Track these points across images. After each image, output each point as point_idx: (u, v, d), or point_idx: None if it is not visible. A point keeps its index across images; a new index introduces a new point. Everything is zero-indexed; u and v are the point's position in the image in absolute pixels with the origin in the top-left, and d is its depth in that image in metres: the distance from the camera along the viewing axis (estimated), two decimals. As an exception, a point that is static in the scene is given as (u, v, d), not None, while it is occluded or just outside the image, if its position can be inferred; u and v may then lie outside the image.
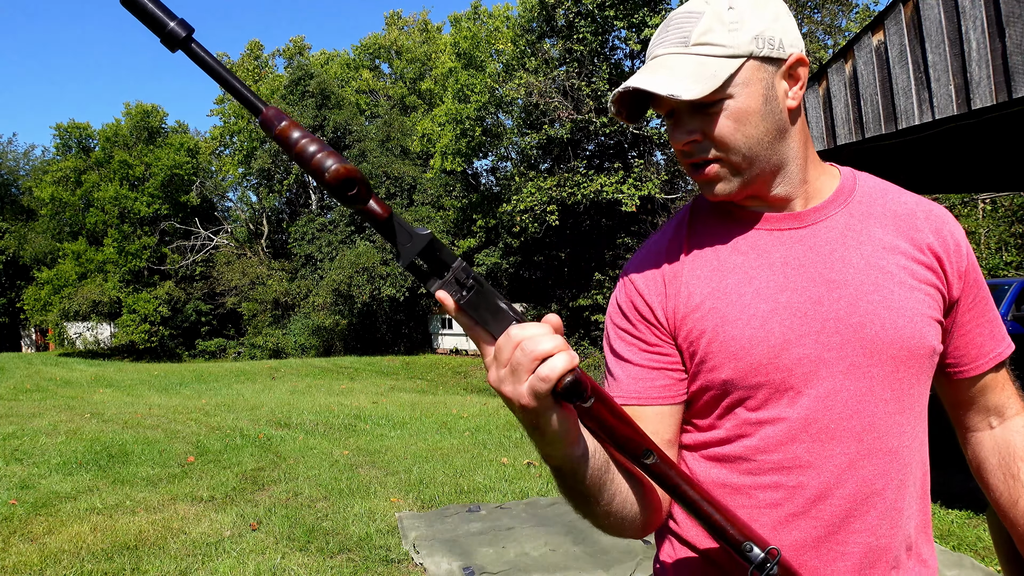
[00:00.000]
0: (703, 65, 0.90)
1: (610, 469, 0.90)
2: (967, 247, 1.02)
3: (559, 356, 0.73)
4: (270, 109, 0.76)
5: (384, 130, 35.67)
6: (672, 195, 23.31)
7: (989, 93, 3.91)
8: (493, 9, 31.89)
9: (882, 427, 0.94)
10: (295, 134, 0.74)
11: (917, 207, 1.02)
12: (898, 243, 0.98)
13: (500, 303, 0.77)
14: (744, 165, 0.95)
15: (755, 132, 0.93)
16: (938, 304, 0.98)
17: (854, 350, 0.94)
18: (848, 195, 1.02)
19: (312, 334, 32.78)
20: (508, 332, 0.75)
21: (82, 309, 34.45)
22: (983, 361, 1.03)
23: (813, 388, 0.94)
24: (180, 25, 0.71)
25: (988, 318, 1.03)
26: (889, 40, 4.51)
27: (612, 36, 24.05)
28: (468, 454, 7.69)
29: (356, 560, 4.44)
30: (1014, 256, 16.17)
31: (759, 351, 0.94)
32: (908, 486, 0.98)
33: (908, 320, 0.94)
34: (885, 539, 0.96)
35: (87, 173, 36.69)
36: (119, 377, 19.83)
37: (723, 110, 0.92)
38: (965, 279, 1.00)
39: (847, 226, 0.99)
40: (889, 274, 0.96)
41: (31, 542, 4.88)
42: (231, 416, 11.01)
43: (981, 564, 4.12)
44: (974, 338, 1.03)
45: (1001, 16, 3.81)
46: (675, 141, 0.96)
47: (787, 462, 0.95)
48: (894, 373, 0.95)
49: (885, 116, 4.58)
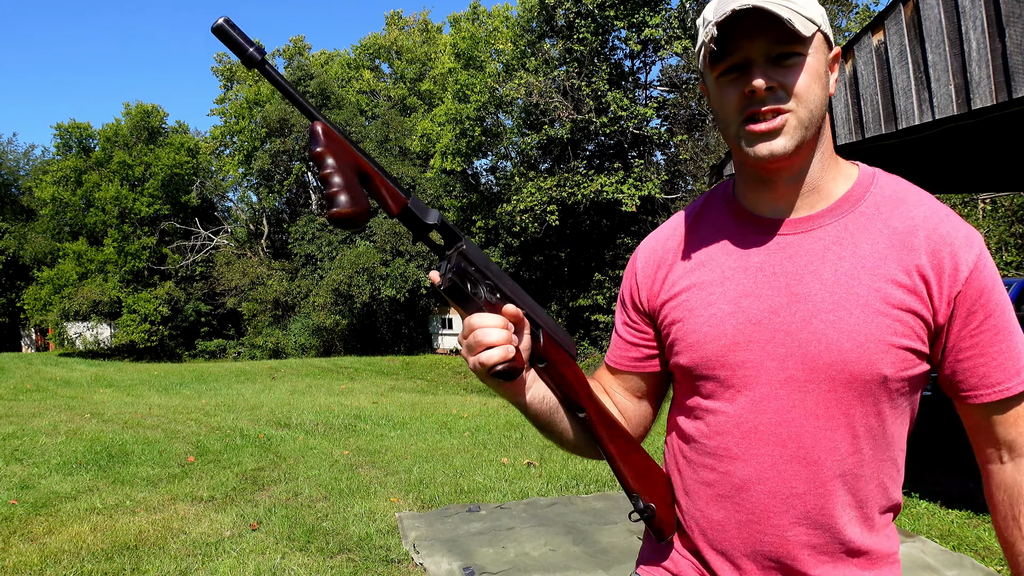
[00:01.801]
0: (795, 15, 0.94)
1: (558, 411, 1.10)
2: (974, 272, 0.97)
3: (497, 350, 0.94)
4: (319, 124, 0.88)
5: (383, 130, 35.67)
6: (672, 195, 23.31)
7: (989, 93, 3.91)
8: (492, 9, 31.89)
9: (807, 439, 1.01)
10: (329, 160, 0.87)
11: (923, 223, 0.99)
12: (883, 263, 0.98)
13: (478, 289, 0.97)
14: (808, 122, 0.98)
15: (821, 94, 0.98)
16: (913, 330, 0.97)
17: (795, 364, 1.00)
18: (853, 204, 1.03)
19: (312, 334, 32.78)
20: (470, 318, 0.96)
21: (82, 309, 34.45)
22: (988, 392, 1.00)
23: (751, 391, 1.03)
24: (256, 50, 0.86)
25: (1000, 348, 0.99)
26: (889, 40, 4.51)
27: (612, 36, 24.06)
28: (468, 454, 7.69)
29: (356, 560, 4.44)
30: (1014, 256, 16.17)
31: (711, 347, 1.05)
32: (837, 498, 1.02)
33: (856, 345, 0.97)
34: (804, 538, 1.03)
35: (87, 173, 36.69)
36: (119, 377, 19.83)
37: (802, 65, 0.97)
38: (959, 304, 0.97)
39: (835, 239, 1.01)
40: (856, 296, 0.98)
41: (31, 542, 4.88)
42: (231, 416, 11.01)
43: (981, 564, 4.12)
44: (978, 366, 1.00)
45: (1001, 16, 3.81)
46: (755, 84, 0.96)
47: (720, 451, 1.07)
48: (831, 393, 0.99)
49: (885, 116, 4.58)
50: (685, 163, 21.72)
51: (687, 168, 22.04)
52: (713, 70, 1.00)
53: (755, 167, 1.03)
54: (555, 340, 1.05)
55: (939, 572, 4.01)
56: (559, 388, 1.07)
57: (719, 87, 1.00)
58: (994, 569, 4.08)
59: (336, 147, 0.89)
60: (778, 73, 0.96)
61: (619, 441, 1.10)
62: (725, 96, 0.99)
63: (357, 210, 0.87)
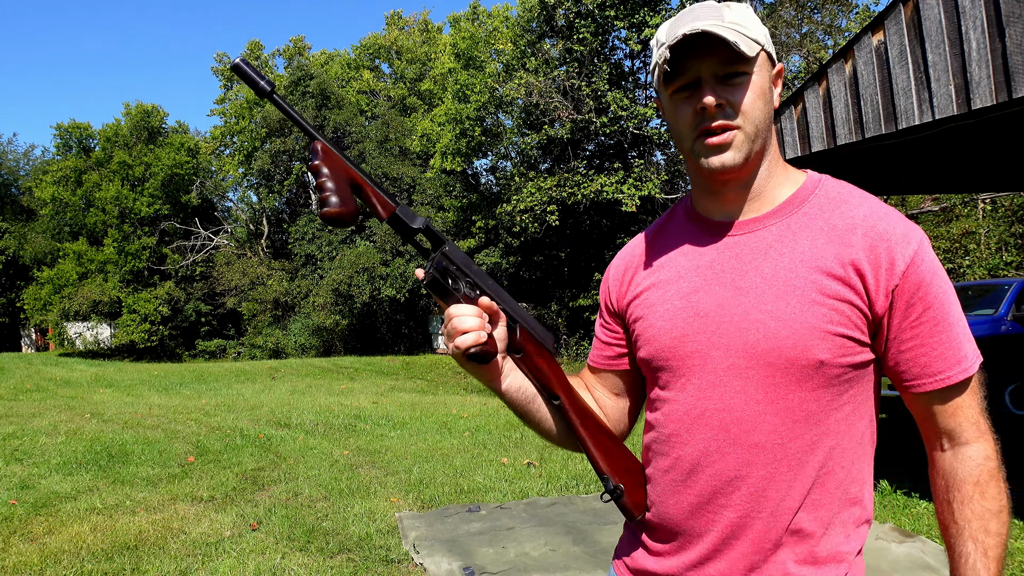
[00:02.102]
0: (741, 37, 1.04)
1: (536, 400, 1.21)
2: (911, 266, 1.03)
3: (470, 334, 1.06)
4: (318, 143, 1.04)
5: (383, 130, 35.66)
6: (672, 195, 23.29)
7: (989, 93, 3.91)
8: (492, 9, 31.88)
9: (749, 423, 1.07)
10: (324, 169, 1.02)
11: (862, 222, 1.06)
12: (821, 257, 1.06)
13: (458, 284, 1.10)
14: (753, 136, 1.07)
15: (766, 109, 1.08)
16: (849, 319, 1.04)
17: (737, 353, 1.08)
18: (797, 206, 1.11)
19: (312, 334, 32.76)
20: (449, 309, 1.08)
21: (82, 309, 34.42)
22: (928, 381, 1.06)
23: (698, 379, 1.11)
24: (267, 83, 1.04)
25: (939, 339, 1.05)
26: (889, 40, 4.51)
27: (612, 36, 24.04)
28: (468, 454, 7.69)
29: (356, 560, 4.44)
30: (1014, 256, 16.16)
31: (664, 340, 1.14)
32: (782, 479, 1.07)
33: (792, 332, 1.04)
34: (751, 519, 1.08)
35: (87, 173, 36.66)
36: (119, 377, 19.82)
37: (748, 84, 1.06)
38: (897, 297, 1.03)
39: (778, 237, 1.10)
40: (793, 287, 1.05)
41: (31, 542, 4.87)
42: (231, 416, 11.01)
43: (981, 564, 4.12)
44: (919, 356, 1.05)
45: (1001, 16, 3.81)
46: (704, 99, 1.05)
47: (673, 437, 1.15)
48: (770, 378, 1.06)
49: (885, 116, 4.58)
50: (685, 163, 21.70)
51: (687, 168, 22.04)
52: (667, 88, 1.09)
53: (708, 178, 1.12)
54: (531, 333, 1.16)
55: (939, 572, 4.01)
56: (535, 377, 1.17)
57: (673, 104, 1.10)
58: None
59: (332, 161, 1.03)
60: (726, 91, 1.05)
61: (591, 427, 1.19)
62: (679, 112, 1.09)
63: (345, 210, 1.01)
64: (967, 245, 16.62)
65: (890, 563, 4.12)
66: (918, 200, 19.50)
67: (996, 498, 1.06)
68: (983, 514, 1.06)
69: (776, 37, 19.87)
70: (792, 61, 21.37)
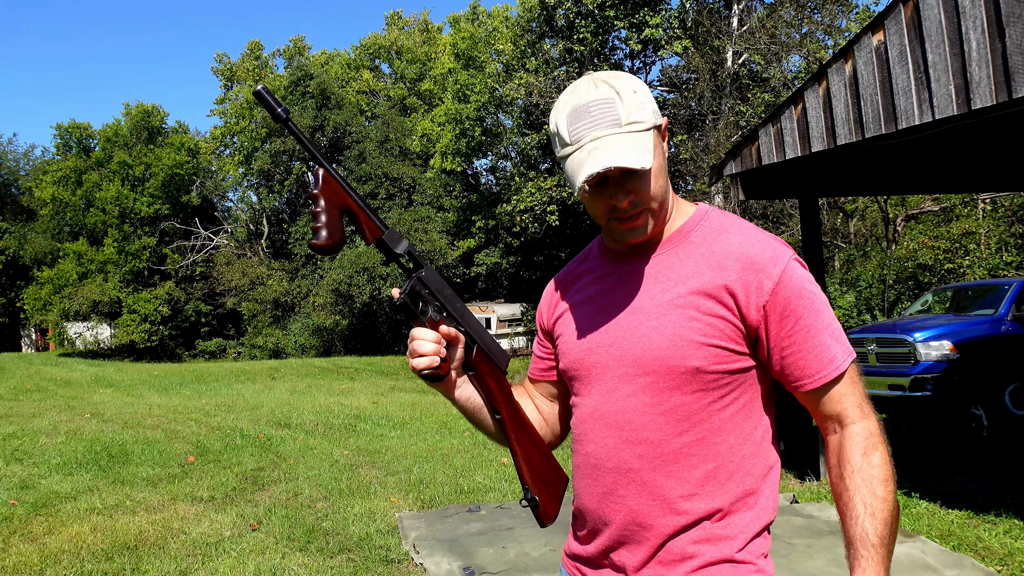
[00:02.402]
0: (639, 139, 1.18)
1: (483, 410, 1.38)
2: (779, 285, 1.19)
3: (425, 358, 1.24)
4: (320, 170, 1.16)
5: (383, 131, 35.63)
6: (672, 195, 23.28)
7: (989, 93, 3.91)
8: (492, 9, 31.88)
9: (639, 422, 1.24)
10: (321, 201, 1.16)
11: (736, 249, 1.23)
12: (699, 279, 1.23)
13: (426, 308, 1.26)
14: (659, 209, 1.25)
15: (664, 183, 1.25)
16: (723, 332, 1.20)
17: (627, 362, 1.25)
18: (685, 236, 1.29)
19: (312, 334, 32.74)
20: (413, 331, 1.25)
21: (82, 309, 34.40)
22: (808, 381, 1.22)
23: (599, 386, 1.29)
24: (283, 111, 1.14)
25: (811, 345, 1.20)
26: (889, 40, 4.51)
27: (612, 36, 24.03)
28: (468, 454, 7.69)
29: (356, 560, 4.44)
30: (1014, 256, 16.13)
31: (575, 353, 1.34)
32: (672, 471, 1.23)
33: (672, 343, 1.21)
34: (647, 507, 1.24)
35: (87, 173, 36.64)
36: (119, 377, 19.82)
37: (649, 173, 1.21)
38: (770, 312, 1.19)
39: (667, 263, 1.27)
40: (675, 306, 1.22)
41: (31, 542, 4.87)
42: (231, 416, 11.01)
43: (981, 564, 4.12)
44: (798, 361, 1.21)
45: (1001, 16, 3.80)
46: (617, 201, 1.21)
47: (582, 437, 1.33)
48: (655, 383, 1.23)
49: (885, 116, 4.58)
50: (685, 163, 21.70)
51: (687, 168, 22.03)
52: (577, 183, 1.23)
53: (623, 242, 1.30)
54: (486, 355, 1.33)
55: (939, 572, 4.01)
56: (483, 393, 1.35)
57: (589, 197, 1.24)
58: (994, 569, 4.08)
59: (330, 189, 1.17)
60: (632, 184, 1.20)
61: (524, 440, 1.37)
62: (594, 202, 1.24)
63: (331, 242, 1.16)
64: (967, 245, 16.59)
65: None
66: (918, 200, 19.49)
67: (881, 467, 1.20)
68: (870, 480, 1.19)
69: (776, 37, 19.86)
70: (792, 61, 21.37)
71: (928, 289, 14.47)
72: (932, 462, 6.65)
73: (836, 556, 4.16)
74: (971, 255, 16.20)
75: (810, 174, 6.14)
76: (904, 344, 8.74)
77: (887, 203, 19.06)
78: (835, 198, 19.41)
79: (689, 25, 22.31)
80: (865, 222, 21.77)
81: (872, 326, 10.34)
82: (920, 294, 14.36)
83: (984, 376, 8.00)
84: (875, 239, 20.95)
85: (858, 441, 1.21)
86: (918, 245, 17.14)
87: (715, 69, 21.20)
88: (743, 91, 21.15)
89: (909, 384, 8.50)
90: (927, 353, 8.51)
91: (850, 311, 15.85)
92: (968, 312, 9.53)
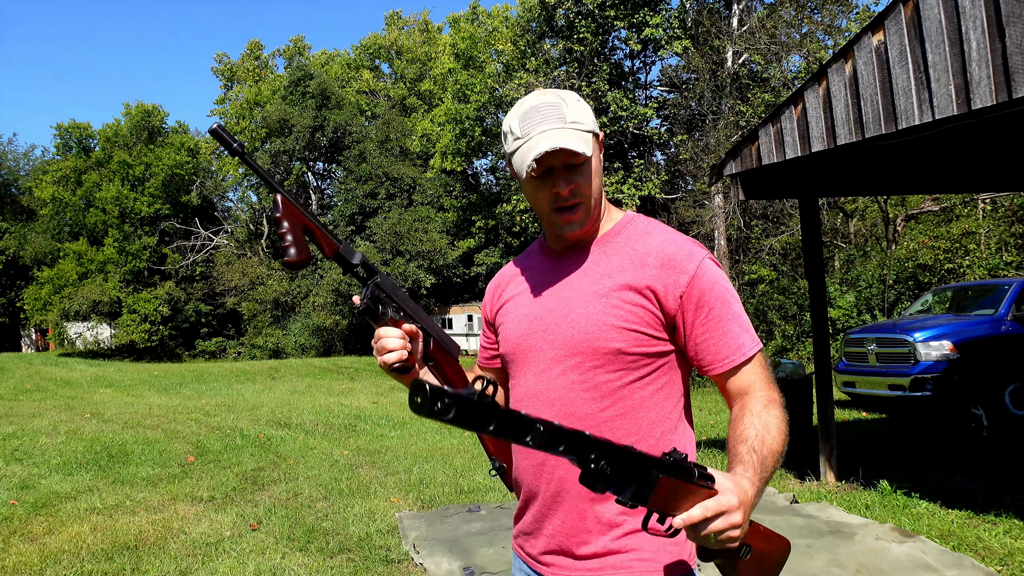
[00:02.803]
0: (581, 136, 1.34)
1: None
2: (693, 279, 1.34)
3: (394, 353, 1.39)
4: (279, 196, 1.34)
5: (383, 130, 35.63)
6: (672, 195, 23.30)
7: (989, 93, 3.91)
8: (492, 9, 31.87)
9: (568, 400, 1.37)
10: (284, 223, 1.34)
11: (656, 248, 1.38)
12: (623, 274, 1.37)
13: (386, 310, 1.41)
14: (594, 207, 1.41)
15: (599, 183, 1.41)
16: (642, 318, 1.34)
17: (558, 345, 1.39)
18: (612, 237, 1.44)
19: (312, 334, 32.75)
20: (379, 330, 1.41)
21: (82, 309, 34.41)
22: (718, 365, 1.35)
23: (533, 367, 1.43)
24: (239, 145, 1.29)
25: (721, 333, 1.34)
26: (889, 40, 4.51)
27: (612, 36, 24.03)
28: (468, 454, 7.69)
29: (356, 560, 4.44)
30: (1014, 256, 16.13)
31: (513, 339, 1.48)
32: None
33: (596, 327, 1.35)
34: (573, 476, 1.28)
35: (87, 173, 36.65)
36: (119, 377, 19.82)
37: (588, 168, 1.37)
38: (685, 302, 1.34)
39: (595, 261, 1.43)
40: (600, 295, 1.37)
41: (31, 542, 4.87)
42: (231, 416, 11.01)
43: (981, 564, 4.12)
44: (710, 346, 1.35)
45: (1001, 16, 3.80)
46: (560, 188, 1.36)
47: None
48: (581, 363, 1.37)
49: (885, 116, 4.58)
50: (685, 163, 21.70)
51: (687, 168, 22.03)
52: (525, 175, 1.36)
53: (560, 237, 1.44)
54: (441, 346, 1.50)
55: (939, 572, 4.01)
56: (443, 379, 1.52)
57: (532, 186, 1.39)
58: (994, 569, 4.08)
59: (289, 212, 1.34)
60: (573, 176, 1.36)
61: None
62: (538, 194, 1.39)
63: (300, 259, 1.34)
64: (967, 245, 16.59)
65: (890, 563, 4.12)
66: (918, 200, 19.49)
67: (778, 418, 1.29)
68: (766, 423, 1.27)
69: (776, 37, 19.86)
70: (792, 61, 21.37)
71: (928, 289, 14.47)
72: (932, 462, 6.65)
73: (836, 556, 4.16)
74: (971, 255, 16.20)
75: (810, 174, 6.14)
76: (904, 344, 8.74)
77: (887, 203, 19.07)
78: (835, 198, 19.41)
79: (689, 25, 22.31)
80: (865, 222, 21.78)
81: (872, 326, 10.34)
82: (920, 294, 14.35)
83: (984, 376, 8.00)
84: (875, 239, 20.95)
85: (760, 398, 1.32)
86: (918, 245, 17.14)
87: (715, 69, 21.19)
88: (743, 91, 21.14)
89: (909, 384, 8.50)
90: (927, 353, 8.52)
91: (850, 311, 15.84)
92: (968, 312, 9.53)
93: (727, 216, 19.44)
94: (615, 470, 1.02)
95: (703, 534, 1.07)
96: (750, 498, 1.13)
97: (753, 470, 1.19)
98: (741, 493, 1.09)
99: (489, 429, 0.93)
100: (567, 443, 0.99)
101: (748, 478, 1.16)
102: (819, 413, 6.23)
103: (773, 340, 16.14)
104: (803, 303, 16.11)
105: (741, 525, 1.08)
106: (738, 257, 21.86)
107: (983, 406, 7.75)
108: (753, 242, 21.60)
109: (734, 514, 1.07)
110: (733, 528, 1.07)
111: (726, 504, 1.06)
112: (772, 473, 1.24)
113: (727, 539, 1.08)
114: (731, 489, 1.08)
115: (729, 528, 1.07)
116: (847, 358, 9.74)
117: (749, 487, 1.14)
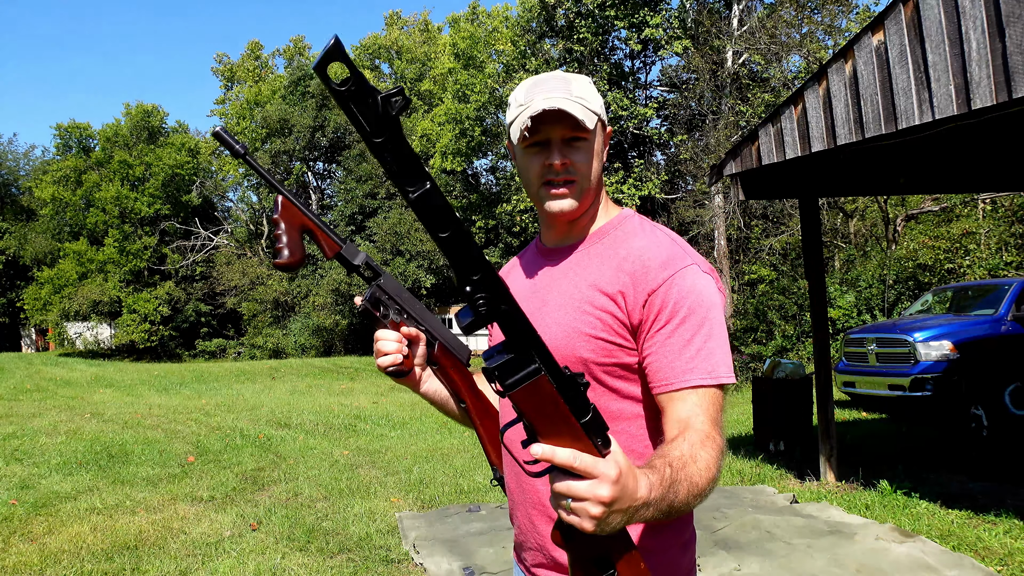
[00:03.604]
0: (585, 111, 1.28)
1: (450, 401, 1.54)
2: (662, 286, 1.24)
3: (388, 357, 1.39)
4: (280, 197, 1.34)
5: (384, 130, 35.57)
6: (672, 195, 23.30)
7: (989, 93, 3.91)
8: (492, 10, 31.87)
9: None
10: (281, 225, 1.34)
11: (636, 252, 1.30)
12: (600, 279, 1.32)
13: (387, 312, 1.41)
14: (587, 192, 1.34)
15: (597, 167, 1.34)
16: (611, 327, 1.27)
17: None
18: (600, 237, 1.38)
19: (312, 334, 32.75)
20: (377, 333, 1.41)
21: (82, 309, 34.40)
22: (657, 385, 1.22)
23: None
24: (242, 147, 1.29)
25: (676, 353, 1.21)
26: (889, 40, 4.51)
27: (612, 36, 24.03)
28: (468, 454, 7.69)
29: (356, 560, 4.44)
30: (1014, 256, 16.13)
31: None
32: None
33: (564, 335, 1.30)
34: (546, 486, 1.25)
35: (87, 173, 36.64)
36: (119, 377, 19.83)
37: (585, 148, 1.31)
38: (648, 310, 1.25)
39: (577, 263, 1.38)
40: (573, 299, 1.33)
41: (31, 542, 4.87)
42: (231, 416, 11.01)
43: (981, 564, 4.12)
44: (659, 363, 1.23)
45: (1001, 16, 3.80)
46: (552, 160, 1.30)
47: (501, 420, 1.47)
48: None
49: (885, 116, 4.58)
50: (685, 163, 21.70)
51: (687, 168, 22.02)
52: (522, 144, 1.32)
53: (548, 217, 1.38)
54: (447, 350, 1.47)
55: (939, 572, 4.01)
56: (447, 384, 1.49)
57: (526, 156, 1.33)
58: (994, 569, 4.08)
59: (289, 213, 1.33)
60: (569, 152, 1.30)
61: (489, 426, 1.49)
62: (530, 164, 1.33)
63: (292, 261, 1.35)
64: (967, 245, 16.59)
65: (890, 563, 4.12)
66: (918, 200, 19.48)
67: (711, 459, 1.10)
68: (695, 455, 1.09)
69: (776, 37, 19.86)
70: (792, 61, 21.37)
71: (928, 289, 14.46)
72: (932, 462, 6.65)
73: (836, 556, 4.16)
74: (971, 255, 16.19)
75: (810, 174, 6.14)
76: (904, 344, 8.74)
77: (887, 203, 19.06)
78: (835, 198, 19.40)
79: (689, 25, 22.31)
80: (865, 222, 21.77)
81: (872, 326, 10.34)
82: (920, 294, 14.35)
83: (984, 376, 8.00)
84: (875, 239, 20.94)
85: (700, 437, 1.14)
86: (918, 245, 17.13)
87: (715, 69, 21.19)
88: (743, 91, 21.14)
89: (909, 384, 8.50)
90: (927, 353, 8.52)
91: (850, 311, 15.84)
92: (968, 312, 9.53)
93: (727, 216, 19.44)
94: (500, 319, 0.85)
95: (559, 489, 0.91)
96: (636, 496, 0.94)
97: (659, 478, 1.01)
98: (628, 479, 0.92)
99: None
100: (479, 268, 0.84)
101: (648, 479, 0.98)
102: (819, 413, 6.23)
103: (773, 340, 16.13)
104: (803, 303, 16.11)
105: (605, 510, 0.90)
106: (738, 257, 21.86)
107: (983, 406, 7.75)
108: (753, 242, 21.59)
109: (603, 487, 0.89)
110: (594, 503, 0.89)
111: (602, 470, 0.89)
112: (679, 504, 1.05)
113: (582, 514, 0.90)
114: (620, 465, 0.91)
115: (590, 500, 0.89)
116: (847, 358, 9.74)
117: (644, 487, 0.96)
